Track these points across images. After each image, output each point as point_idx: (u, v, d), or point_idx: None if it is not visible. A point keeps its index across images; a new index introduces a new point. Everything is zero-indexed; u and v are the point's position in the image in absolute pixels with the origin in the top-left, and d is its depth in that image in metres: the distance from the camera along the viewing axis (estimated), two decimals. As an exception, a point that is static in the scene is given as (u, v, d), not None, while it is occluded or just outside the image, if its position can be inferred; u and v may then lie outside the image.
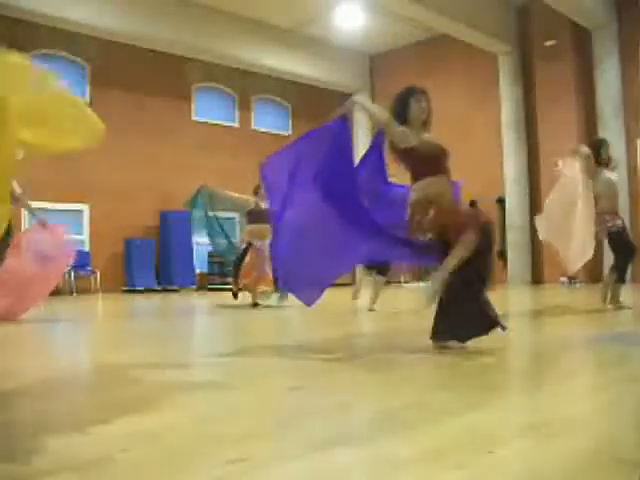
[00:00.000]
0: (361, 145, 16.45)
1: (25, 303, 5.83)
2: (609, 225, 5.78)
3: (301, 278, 3.76)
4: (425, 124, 3.57)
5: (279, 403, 2.19)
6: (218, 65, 14.74)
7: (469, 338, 3.33)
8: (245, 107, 15.99)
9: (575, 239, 5.62)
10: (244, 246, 7.75)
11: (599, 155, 5.90)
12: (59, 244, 6.14)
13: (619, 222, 5.83)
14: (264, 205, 7.12)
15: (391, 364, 3.10)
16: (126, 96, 13.44)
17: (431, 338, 3.39)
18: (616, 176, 6.04)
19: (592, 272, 12.81)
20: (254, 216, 7.52)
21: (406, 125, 3.48)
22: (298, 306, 7.32)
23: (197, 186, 8.29)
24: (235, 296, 7.91)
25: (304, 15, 14.14)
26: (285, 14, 14.10)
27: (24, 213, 9.12)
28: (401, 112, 3.50)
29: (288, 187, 3.58)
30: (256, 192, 7.48)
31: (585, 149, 5.86)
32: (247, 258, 7.58)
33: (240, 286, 7.79)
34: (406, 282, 15.35)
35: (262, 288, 7.56)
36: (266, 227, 6.98)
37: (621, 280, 5.84)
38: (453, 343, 3.37)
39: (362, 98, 4.22)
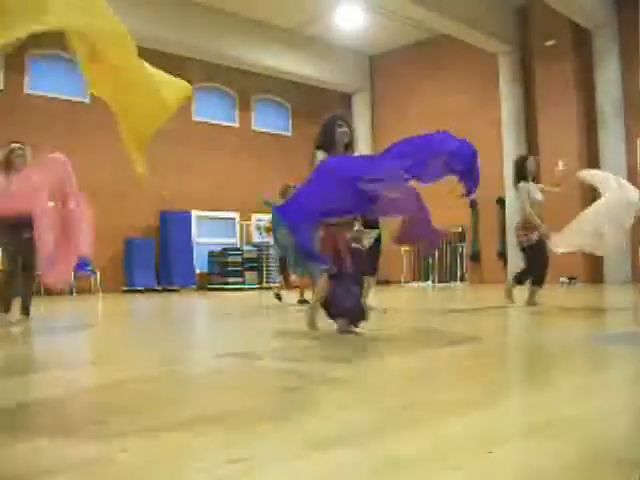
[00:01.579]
0: (362, 144, 16.47)
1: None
2: (523, 239, 6.14)
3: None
4: (347, 146, 4.08)
5: (279, 403, 2.19)
6: (218, 65, 14.74)
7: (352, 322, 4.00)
8: (245, 107, 15.99)
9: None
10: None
11: (523, 169, 6.22)
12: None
13: (534, 236, 6.09)
14: None
15: (390, 364, 3.10)
16: (126, 96, 13.43)
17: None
18: (541, 189, 6.27)
19: (592, 272, 12.83)
20: None
21: (332, 147, 3.98)
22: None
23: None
24: (279, 298, 7.81)
25: (304, 15, 14.14)
26: (285, 14, 14.11)
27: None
28: (328, 137, 4.00)
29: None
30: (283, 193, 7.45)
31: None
32: None
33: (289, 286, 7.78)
34: (406, 282, 15.35)
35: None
36: None
37: (538, 285, 6.22)
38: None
39: None
